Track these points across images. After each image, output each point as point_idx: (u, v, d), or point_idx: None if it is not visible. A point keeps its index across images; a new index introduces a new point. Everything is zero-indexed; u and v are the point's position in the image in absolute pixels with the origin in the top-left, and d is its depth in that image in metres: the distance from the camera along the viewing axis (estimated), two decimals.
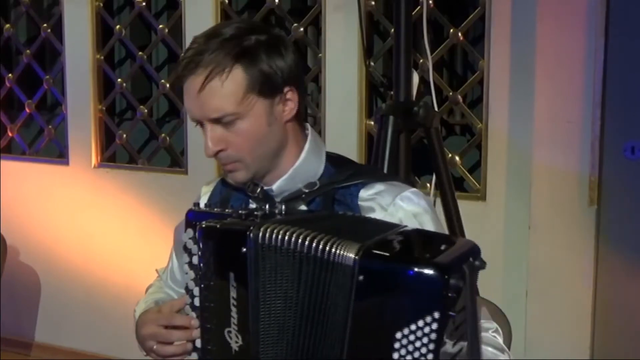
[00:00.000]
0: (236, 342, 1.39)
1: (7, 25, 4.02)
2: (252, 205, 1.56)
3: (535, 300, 2.87)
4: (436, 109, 2.64)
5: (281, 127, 1.53)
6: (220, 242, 1.41)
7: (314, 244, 1.31)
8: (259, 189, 1.57)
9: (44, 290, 3.97)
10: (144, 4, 3.65)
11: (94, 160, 3.77)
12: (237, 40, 1.49)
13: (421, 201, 1.57)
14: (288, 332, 1.35)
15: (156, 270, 1.87)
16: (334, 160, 1.62)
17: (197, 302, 1.45)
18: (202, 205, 1.59)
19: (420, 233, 1.46)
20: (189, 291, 1.47)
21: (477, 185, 3.02)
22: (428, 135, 2.38)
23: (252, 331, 1.37)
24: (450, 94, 3.05)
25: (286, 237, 1.33)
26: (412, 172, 2.68)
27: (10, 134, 4.05)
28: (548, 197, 2.85)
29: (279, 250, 1.34)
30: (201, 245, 1.42)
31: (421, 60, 3.01)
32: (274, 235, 1.34)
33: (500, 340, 1.54)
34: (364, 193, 1.55)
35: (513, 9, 2.85)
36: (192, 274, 1.46)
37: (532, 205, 2.86)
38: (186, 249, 1.46)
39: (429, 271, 1.22)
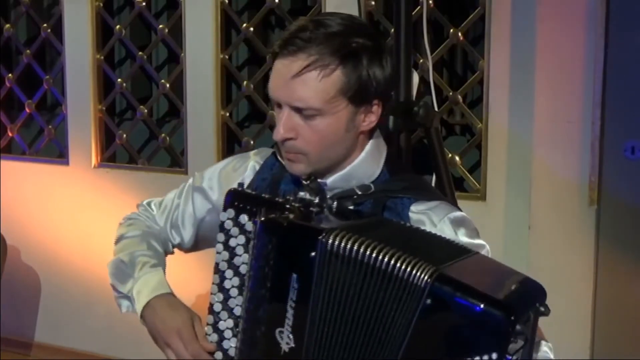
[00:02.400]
0: (287, 344, 1.37)
1: (7, 25, 4.02)
2: (301, 193, 1.52)
3: None
4: (436, 109, 2.63)
5: (355, 136, 1.53)
6: (287, 241, 1.37)
7: (382, 257, 1.29)
8: (312, 178, 1.53)
9: (44, 290, 3.97)
10: (144, 4, 3.65)
11: (94, 160, 3.77)
12: (344, 38, 1.47)
13: (471, 224, 1.59)
14: (342, 341, 1.33)
15: (139, 205, 1.81)
16: (392, 167, 1.61)
17: (227, 284, 1.44)
18: (248, 174, 1.60)
19: (493, 264, 1.43)
20: (219, 271, 1.45)
21: (477, 185, 3.01)
22: (428, 135, 2.38)
23: (308, 336, 1.34)
24: (450, 94, 3.05)
25: (355, 247, 1.31)
26: (412, 172, 2.67)
27: (10, 134, 4.05)
28: (548, 197, 2.85)
29: (346, 259, 1.31)
30: (261, 239, 1.38)
31: (421, 60, 3.01)
32: (342, 244, 1.31)
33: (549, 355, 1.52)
34: (415, 207, 1.55)
35: (513, 9, 2.85)
36: (225, 255, 1.44)
37: (532, 205, 2.85)
38: (223, 229, 1.44)
39: (496, 311, 1.20)
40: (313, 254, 1.32)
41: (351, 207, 1.52)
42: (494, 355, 1.20)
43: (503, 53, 2.88)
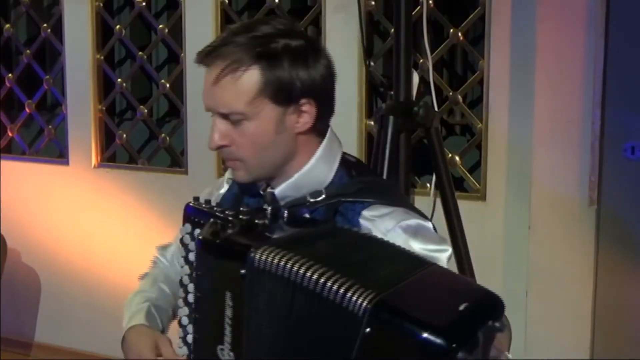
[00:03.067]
0: None
1: (7, 25, 4.02)
2: (265, 205, 1.51)
3: (535, 300, 2.87)
4: (436, 109, 2.64)
5: (291, 138, 1.50)
6: (219, 259, 1.36)
7: (310, 275, 1.24)
8: (268, 189, 1.53)
9: (44, 290, 3.97)
10: (144, 4, 3.65)
11: (94, 160, 3.77)
12: (265, 39, 1.46)
13: (426, 231, 1.53)
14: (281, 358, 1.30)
15: (157, 247, 1.83)
16: (348, 167, 1.57)
17: (190, 298, 1.43)
18: (222, 191, 1.61)
19: (445, 279, 1.36)
20: (183, 286, 1.45)
21: (477, 185, 3.02)
22: (428, 135, 2.38)
23: (246, 354, 1.33)
24: (450, 94, 3.05)
25: (281, 263, 1.26)
26: (412, 172, 2.67)
27: (10, 134, 4.05)
28: (548, 197, 2.85)
29: (274, 276, 1.27)
30: (200, 256, 1.39)
31: (421, 60, 3.01)
32: (270, 259, 1.28)
33: None
34: (367, 212, 1.50)
35: (513, 9, 2.85)
36: (187, 269, 1.44)
37: (532, 205, 2.85)
38: (183, 244, 1.44)
39: (438, 340, 1.14)
40: (243, 271, 1.30)
41: (306, 215, 1.49)
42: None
43: (503, 53, 2.88)
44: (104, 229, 3.78)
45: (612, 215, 2.81)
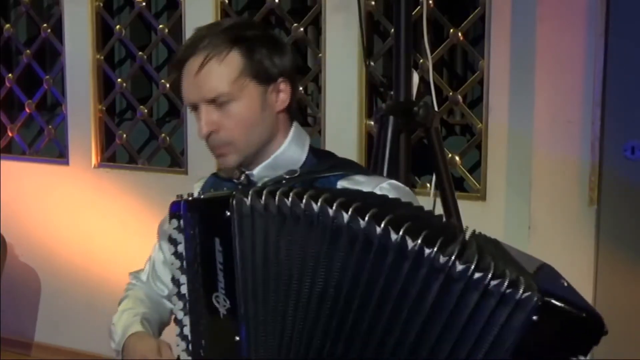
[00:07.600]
0: (224, 306, 1.38)
1: (7, 25, 4.02)
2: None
3: None
4: (436, 109, 2.63)
5: (273, 116, 1.58)
6: (205, 211, 1.41)
7: (354, 214, 1.25)
8: (243, 176, 1.59)
9: (44, 290, 3.97)
10: (144, 4, 3.65)
11: (94, 160, 3.77)
12: (236, 29, 1.56)
13: (405, 189, 1.60)
14: (293, 299, 1.32)
15: (129, 274, 1.87)
16: (317, 153, 1.65)
17: (183, 290, 1.45)
18: None
19: (514, 251, 1.44)
20: (175, 281, 1.47)
21: (477, 185, 3.01)
22: (428, 135, 2.38)
23: (238, 291, 1.35)
24: (450, 94, 3.05)
25: (276, 198, 1.31)
26: (412, 172, 2.67)
27: (10, 134, 4.05)
28: (548, 197, 2.85)
29: (264, 214, 1.32)
30: (187, 219, 1.42)
31: (421, 60, 3.01)
32: (256, 199, 1.33)
33: None
34: (343, 182, 1.56)
35: (513, 9, 2.85)
36: (177, 264, 1.45)
37: (532, 205, 2.86)
38: (171, 240, 1.46)
39: (597, 319, 1.22)
40: (228, 213, 1.34)
41: None
42: (582, 358, 1.23)
43: (503, 53, 2.88)
44: (104, 229, 3.78)
45: (612, 215, 2.81)
